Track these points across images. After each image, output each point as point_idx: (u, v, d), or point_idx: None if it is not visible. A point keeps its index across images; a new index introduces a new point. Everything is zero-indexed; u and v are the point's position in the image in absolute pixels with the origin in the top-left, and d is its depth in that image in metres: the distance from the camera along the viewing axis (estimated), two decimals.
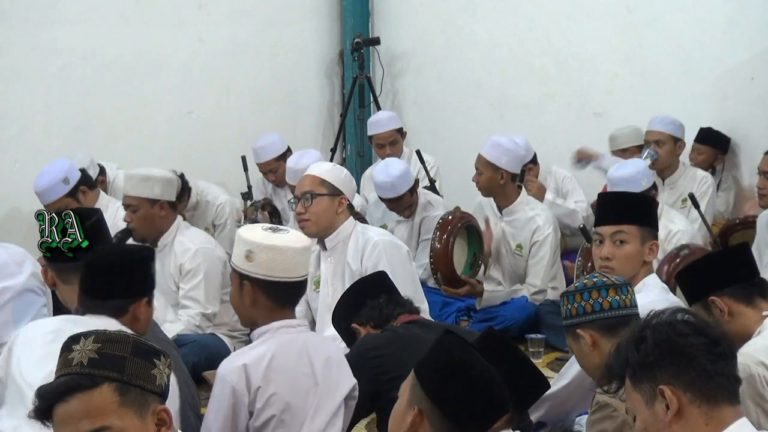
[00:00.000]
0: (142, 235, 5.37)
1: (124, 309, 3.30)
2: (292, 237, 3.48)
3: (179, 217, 5.50)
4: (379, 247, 5.02)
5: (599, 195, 4.66)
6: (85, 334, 2.38)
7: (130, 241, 5.49)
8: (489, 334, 3.35)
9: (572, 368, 4.05)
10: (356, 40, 8.59)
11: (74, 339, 2.38)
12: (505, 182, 6.16)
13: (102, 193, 6.32)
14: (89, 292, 3.34)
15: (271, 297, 3.47)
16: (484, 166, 6.16)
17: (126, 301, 3.31)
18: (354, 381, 3.60)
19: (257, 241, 3.42)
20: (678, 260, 5.04)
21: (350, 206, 5.15)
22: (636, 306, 3.41)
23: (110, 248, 3.52)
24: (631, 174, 5.75)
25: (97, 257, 3.40)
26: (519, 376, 3.22)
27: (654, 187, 5.83)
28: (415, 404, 2.64)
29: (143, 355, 2.35)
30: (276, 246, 3.41)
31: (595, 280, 3.40)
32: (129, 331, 2.56)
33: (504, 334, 3.36)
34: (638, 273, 4.16)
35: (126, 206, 5.36)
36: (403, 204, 6.46)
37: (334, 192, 5.05)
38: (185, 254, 5.37)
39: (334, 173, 5.11)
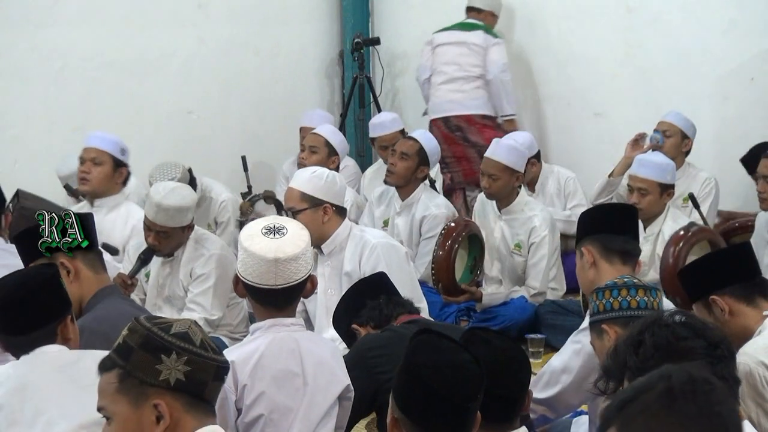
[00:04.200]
0: (166, 252, 5.35)
1: (52, 335, 3.20)
2: (274, 244, 3.40)
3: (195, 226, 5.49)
4: (377, 250, 5.01)
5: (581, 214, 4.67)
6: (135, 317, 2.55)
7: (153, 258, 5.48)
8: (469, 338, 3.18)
9: (564, 376, 4.05)
10: (356, 40, 8.59)
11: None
12: (518, 184, 6.15)
13: None
14: (9, 331, 3.21)
15: (253, 297, 3.49)
16: (501, 171, 6.04)
17: (51, 327, 3.20)
18: (347, 381, 3.59)
19: (241, 239, 3.45)
20: (682, 242, 5.12)
21: (340, 210, 5.11)
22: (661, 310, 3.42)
23: (10, 280, 3.28)
24: (662, 162, 5.85)
25: (2, 295, 3.21)
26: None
27: (673, 186, 5.87)
28: (393, 413, 2.68)
29: (150, 350, 2.44)
30: (247, 249, 3.40)
31: (626, 279, 3.44)
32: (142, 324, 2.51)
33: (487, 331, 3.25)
34: None
35: (156, 232, 5.25)
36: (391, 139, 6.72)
37: (316, 203, 5.02)
38: (198, 259, 5.34)
39: (313, 183, 5.05)
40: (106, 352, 2.55)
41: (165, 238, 5.27)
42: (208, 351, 2.48)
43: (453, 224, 5.95)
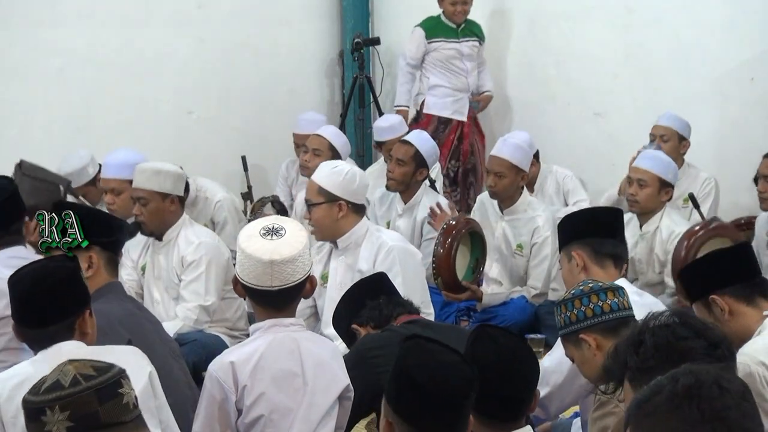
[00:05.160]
0: (151, 229, 5.38)
1: (70, 330, 3.18)
2: (270, 245, 3.38)
3: (185, 213, 5.51)
4: (393, 252, 5.01)
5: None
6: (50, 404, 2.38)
7: (138, 234, 5.52)
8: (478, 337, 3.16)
9: (555, 376, 4.05)
10: (356, 40, 8.59)
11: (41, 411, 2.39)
12: (522, 184, 6.13)
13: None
14: (28, 324, 3.19)
15: (251, 298, 3.48)
16: (507, 169, 6.02)
17: (70, 321, 3.18)
18: (347, 381, 3.59)
19: (239, 240, 3.44)
20: (700, 233, 5.14)
21: (357, 207, 5.11)
22: (632, 308, 3.42)
23: (31, 272, 3.25)
24: (665, 158, 5.89)
25: (21, 287, 3.21)
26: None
27: (672, 186, 5.88)
28: (386, 416, 2.70)
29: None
30: (243, 250, 3.39)
31: (590, 285, 3.41)
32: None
33: (496, 329, 3.24)
34: None
35: (136, 199, 5.34)
36: (392, 144, 6.66)
37: (332, 198, 5.03)
38: (188, 247, 5.37)
39: (332, 178, 5.07)
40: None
41: (145, 205, 5.30)
42: (81, 383, 2.36)
43: (453, 222, 5.94)
